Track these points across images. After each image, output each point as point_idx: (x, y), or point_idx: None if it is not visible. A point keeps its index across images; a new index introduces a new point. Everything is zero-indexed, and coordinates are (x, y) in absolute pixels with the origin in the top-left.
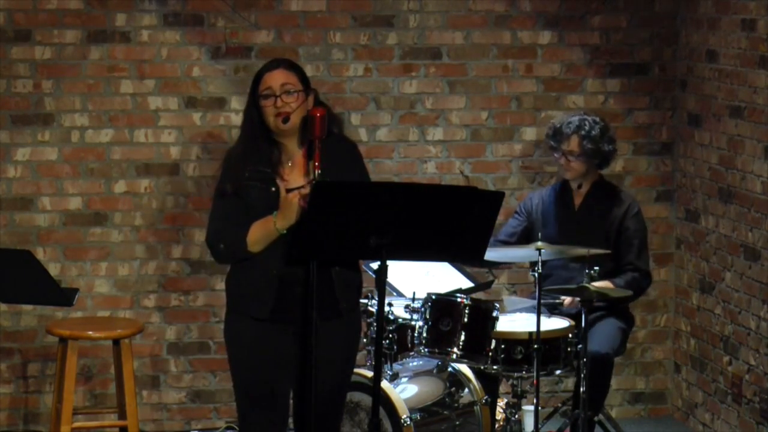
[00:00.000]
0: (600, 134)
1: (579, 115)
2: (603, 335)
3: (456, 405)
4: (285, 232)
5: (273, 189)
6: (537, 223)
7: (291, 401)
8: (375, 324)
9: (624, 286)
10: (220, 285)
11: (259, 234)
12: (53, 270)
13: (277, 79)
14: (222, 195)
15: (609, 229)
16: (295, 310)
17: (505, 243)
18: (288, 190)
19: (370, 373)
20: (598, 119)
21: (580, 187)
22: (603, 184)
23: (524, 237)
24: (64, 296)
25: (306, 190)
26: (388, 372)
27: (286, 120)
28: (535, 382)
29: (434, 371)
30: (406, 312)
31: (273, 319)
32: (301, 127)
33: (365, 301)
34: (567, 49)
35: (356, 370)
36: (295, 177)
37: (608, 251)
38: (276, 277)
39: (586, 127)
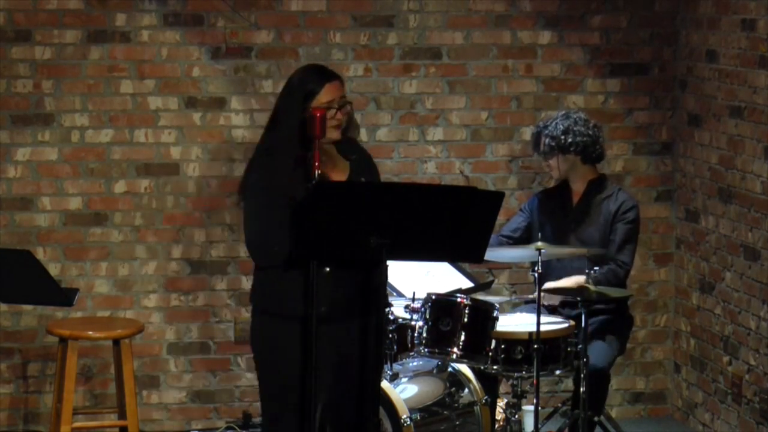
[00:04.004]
0: (563, 130)
1: (555, 116)
2: (600, 347)
3: (456, 405)
4: None
5: None
6: (536, 222)
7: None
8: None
9: (600, 278)
10: (220, 285)
11: None
12: (53, 270)
13: (338, 90)
14: (268, 196)
15: (603, 228)
16: (346, 309)
17: (509, 238)
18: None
19: None
20: (571, 114)
21: (566, 186)
22: (599, 182)
23: (527, 233)
24: (64, 296)
25: None
26: (388, 372)
27: (344, 132)
28: (535, 382)
29: (434, 371)
30: (406, 312)
31: (328, 319)
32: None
33: None
34: (567, 49)
35: None
36: (338, 174)
37: (603, 251)
38: (329, 275)
39: (551, 126)
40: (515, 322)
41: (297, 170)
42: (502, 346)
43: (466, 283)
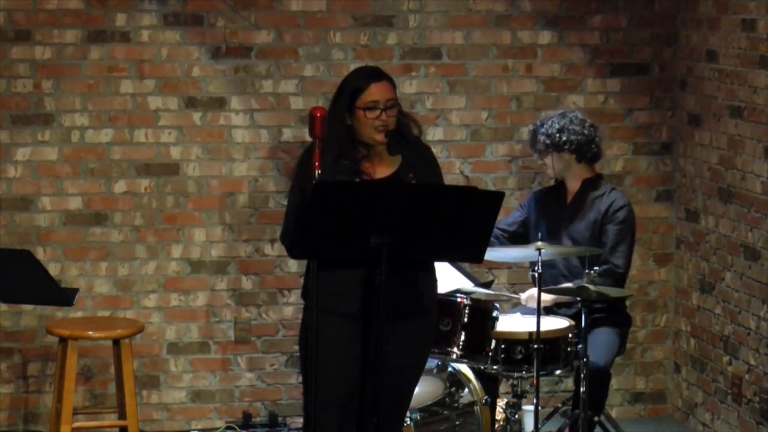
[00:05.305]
0: (558, 128)
1: (552, 115)
2: (600, 345)
3: (456, 405)
4: None
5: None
6: (532, 218)
7: None
8: None
9: (596, 279)
10: (220, 285)
11: None
12: (53, 270)
13: (384, 92)
14: (301, 195)
15: (592, 226)
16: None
17: (504, 231)
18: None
19: None
20: (568, 113)
21: (563, 185)
22: (594, 181)
23: (523, 227)
24: (64, 296)
25: None
26: None
27: (388, 135)
28: (535, 382)
29: (434, 371)
30: None
31: (362, 317)
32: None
33: None
34: (567, 49)
35: None
36: (384, 170)
37: (601, 251)
38: (365, 276)
39: (546, 124)
40: (515, 322)
41: (338, 169)
42: (502, 346)
43: (466, 283)
